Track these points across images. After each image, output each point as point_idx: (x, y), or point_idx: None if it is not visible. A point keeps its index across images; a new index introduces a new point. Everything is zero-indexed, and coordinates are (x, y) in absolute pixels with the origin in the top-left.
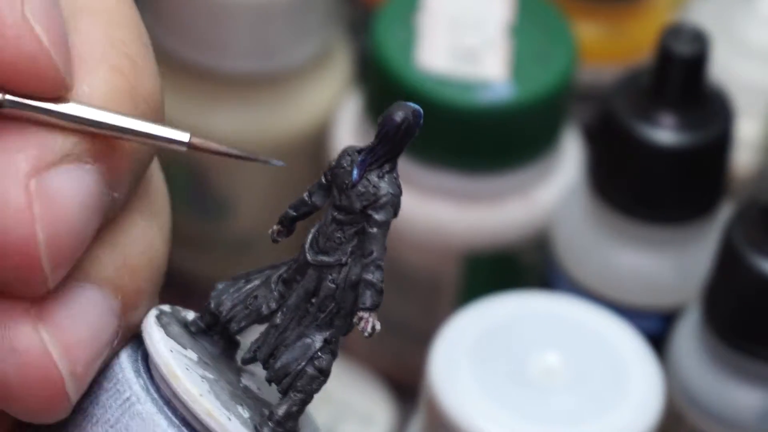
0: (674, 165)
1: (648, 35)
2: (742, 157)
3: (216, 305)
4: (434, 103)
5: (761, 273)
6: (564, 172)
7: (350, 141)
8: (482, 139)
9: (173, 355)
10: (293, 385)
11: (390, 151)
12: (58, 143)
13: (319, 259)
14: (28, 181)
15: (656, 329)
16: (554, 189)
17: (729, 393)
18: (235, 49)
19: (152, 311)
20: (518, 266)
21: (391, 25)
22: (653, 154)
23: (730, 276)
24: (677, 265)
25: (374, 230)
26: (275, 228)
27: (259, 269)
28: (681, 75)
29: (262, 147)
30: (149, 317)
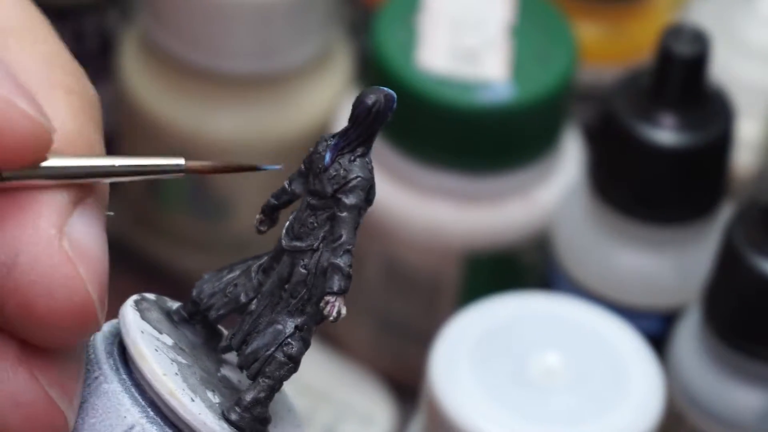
0: (674, 165)
1: (648, 35)
2: (743, 158)
3: (197, 293)
4: (434, 104)
5: (761, 273)
6: (564, 173)
7: None
8: (482, 140)
9: (143, 336)
10: (262, 371)
11: (362, 135)
12: (64, 194)
13: (293, 245)
14: (61, 244)
15: (656, 330)
16: (554, 189)
17: (729, 393)
18: (236, 50)
19: (132, 297)
20: (518, 267)
21: (392, 26)
22: (653, 155)
23: (731, 276)
24: (677, 266)
25: (344, 214)
26: (258, 217)
27: (244, 259)
28: (681, 75)
29: (262, 147)
30: (127, 301)
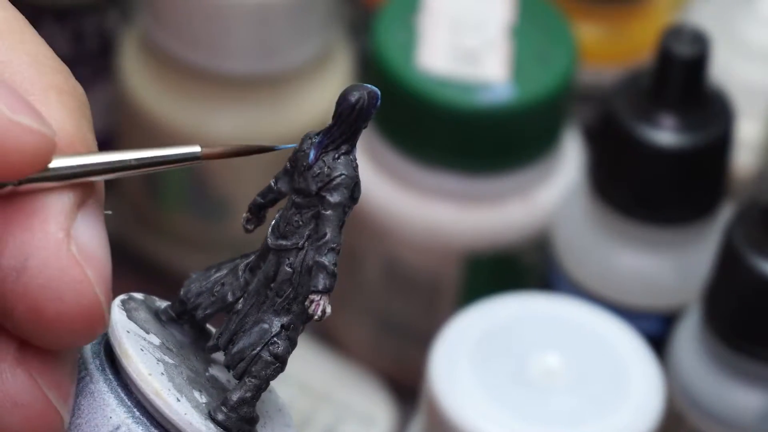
0: (674, 166)
1: (648, 36)
2: (743, 158)
3: (185, 293)
4: (435, 105)
5: (762, 274)
6: (564, 173)
7: None
8: (483, 141)
9: (129, 336)
10: (248, 371)
11: (346, 132)
12: (69, 196)
13: (278, 243)
14: (69, 247)
15: (656, 330)
16: (555, 190)
17: (729, 394)
18: (236, 50)
19: (120, 296)
20: (519, 267)
21: (392, 26)
22: (653, 155)
23: (731, 277)
24: (677, 267)
25: (328, 212)
26: (245, 216)
27: (232, 258)
28: (681, 76)
29: None
30: (114, 301)
